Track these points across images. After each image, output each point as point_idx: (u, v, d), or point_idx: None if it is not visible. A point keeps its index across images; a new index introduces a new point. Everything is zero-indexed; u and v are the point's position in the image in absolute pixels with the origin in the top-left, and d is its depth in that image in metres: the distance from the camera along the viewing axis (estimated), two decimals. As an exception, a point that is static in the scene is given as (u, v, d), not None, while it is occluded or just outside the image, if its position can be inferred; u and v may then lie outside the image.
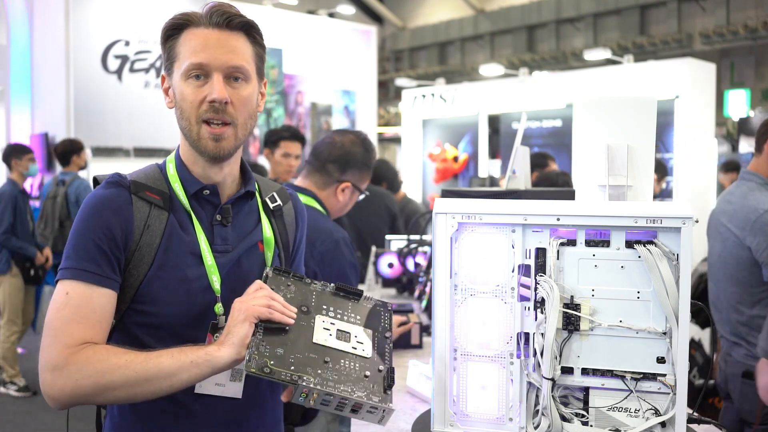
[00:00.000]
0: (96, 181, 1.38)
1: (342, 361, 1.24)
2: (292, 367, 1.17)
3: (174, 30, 1.33)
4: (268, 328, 1.21)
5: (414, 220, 3.51)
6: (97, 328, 1.24)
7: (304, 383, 1.15)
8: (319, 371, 1.19)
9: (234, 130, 1.32)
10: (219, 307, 1.34)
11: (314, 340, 1.24)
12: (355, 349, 1.27)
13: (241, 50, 1.32)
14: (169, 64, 1.34)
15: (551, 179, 4.10)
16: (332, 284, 1.39)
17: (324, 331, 1.28)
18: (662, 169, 5.58)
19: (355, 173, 2.31)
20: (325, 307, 1.34)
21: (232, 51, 1.30)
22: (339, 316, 1.34)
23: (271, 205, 1.48)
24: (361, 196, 2.36)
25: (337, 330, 1.30)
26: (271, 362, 1.16)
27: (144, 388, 1.18)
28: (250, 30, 1.34)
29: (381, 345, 1.32)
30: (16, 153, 5.71)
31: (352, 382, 1.20)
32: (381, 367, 1.27)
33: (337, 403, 1.17)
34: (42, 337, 1.23)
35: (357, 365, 1.24)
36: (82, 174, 6.13)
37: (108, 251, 1.27)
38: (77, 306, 1.23)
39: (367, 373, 1.24)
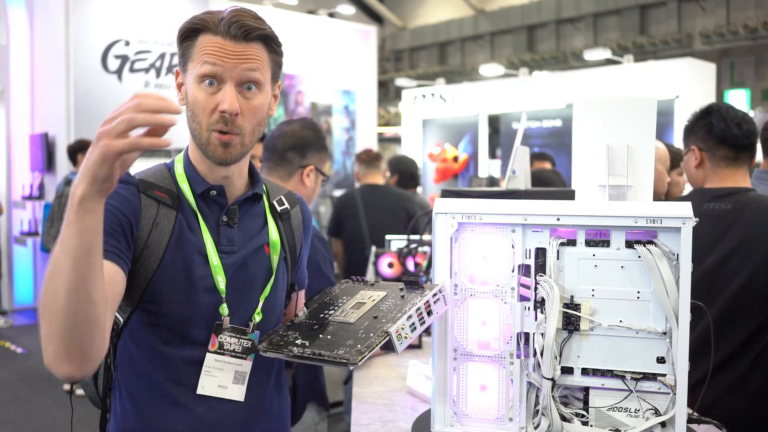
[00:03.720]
0: None
1: (381, 307, 1.31)
2: (371, 334, 1.23)
3: (191, 32, 1.31)
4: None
5: (414, 219, 3.50)
6: None
7: (392, 330, 1.22)
8: (383, 321, 1.26)
9: (241, 139, 1.31)
10: (224, 308, 1.34)
11: (352, 321, 1.30)
12: (374, 300, 1.35)
13: (256, 61, 1.30)
14: (184, 62, 1.33)
15: (544, 177, 4.09)
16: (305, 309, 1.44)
17: (347, 315, 1.33)
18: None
19: (314, 155, 2.36)
20: (326, 312, 1.37)
21: (247, 62, 1.28)
22: (341, 304, 1.39)
23: (279, 208, 1.48)
24: (323, 179, 2.42)
25: (351, 308, 1.35)
26: (358, 347, 1.20)
27: (66, 291, 1.03)
28: (267, 41, 1.33)
29: (387, 284, 1.41)
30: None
31: (404, 304, 1.29)
32: (401, 287, 1.36)
33: (418, 318, 1.26)
34: None
35: (389, 300, 1.33)
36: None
37: (120, 231, 1.24)
38: None
39: (402, 294, 1.33)
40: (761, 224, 2.06)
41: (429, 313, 1.28)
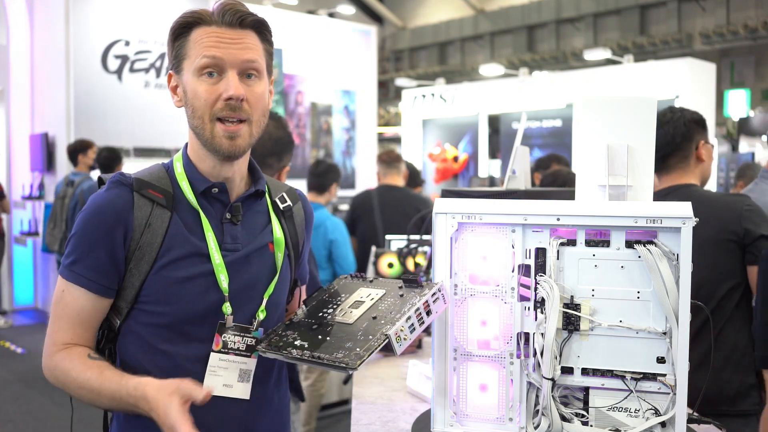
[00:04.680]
0: (101, 181, 1.38)
1: (379, 306, 1.31)
2: (370, 336, 1.22)
3: (184, 28, 1.31)
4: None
5: (414, 219, 3.50)
6: (78, 330, 1.31)
7: (391, 332, 1.21)
8: (382, 322, 1.25)
9: (249, 128, 1.32)
10: (227, 307, 1.33)
11: (351, 322, 1.29)
12: (372, 298, 1.34)
13: (253, 47, 1.31)
14: (178, 62, 1.32)
15: (559, 177, 4.06)
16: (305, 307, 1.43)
17: (346, 315, 1.32)
18: None
19: (288, 155, 2.39)
20: (324, 310, 1.36)
21: (246, 48, 1.30)
22: (339, 302, 1.38)
23: (281, 206, 1.47)
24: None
25: (349, 307, 1.34)
26: (357, 350, 1.20)
27: (96, 404, 1.29)
28: (260, 28, 1.34)
29: (385, 281, 1.40)
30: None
31: (402, 304, 1.28)
32: (400, 284, 1.35)
33: (417, 319, 1.26)
34: None
35: (388, 299, 1.32)
36: (93, 174, 6.14)
37: (105, 259, 1.28)
38: (66, 305, 1.31)
39: (400, 293, 1.32)
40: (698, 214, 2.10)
41: (428, 313, 1.28)
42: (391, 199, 4.61)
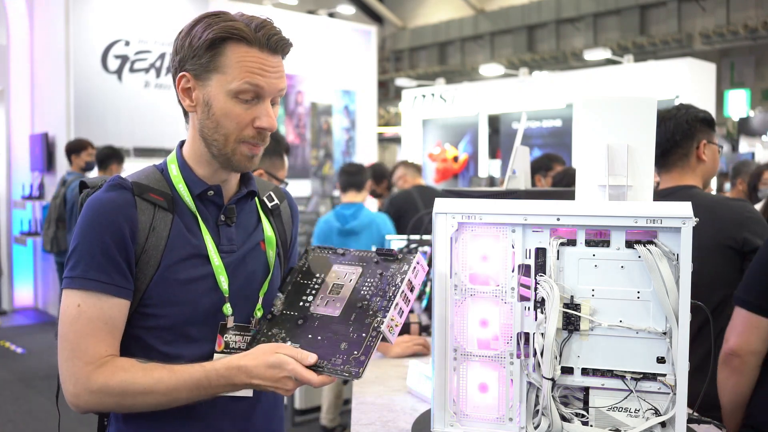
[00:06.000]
0: (84, 184, 1.37)
1: (362, 291, 1.30)
2: (363, 334, 1.23)
3: (220, 40, 1.27)
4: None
5: (414, 219, 3.50)
6: (110, 340, 1.26)
7: (383, 328, 1.22)
8: (370, 312, 1.25)
9: (263, 147, 1.37)
10: (227, 308, 1.34)
11: (337, 315, 1.29)
12: (351, 279, 1.34)
13: (284, 74, 1.33)
14: (206, 72, 1.29)
15: (568, 176, 4.06)
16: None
17: (329, 305, 1.31)
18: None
19: (266, 161, 2.42)
20: (304, 298, 1.36)
21: (281, 76, 1.31)
22: (317, 285, 1.37)
23: (269, 204, 1.49)
24: (282, 185, 2.42)
25: (329, 292, 1.34)
26: (354, 353, 1.20)
27: (165, 405, 1.25)
28: (287, 51, 1.35)
29: (359, 254, 1.39)
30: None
31: (385, 286, 1.28)
32: (376, 259, 1.35)
33: (403, 302, 1.27)
34: (58, 350, 1.25)
35: (368, 278, 1.32)
36: (91, 175, 6.12)
37: (117, 257, 1.25)
38: (90, 319, 1.24)
39: (379, 270, 1.32)
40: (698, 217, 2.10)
41: (411, 290, 1.29)
42: (429, 195, 5.21)
